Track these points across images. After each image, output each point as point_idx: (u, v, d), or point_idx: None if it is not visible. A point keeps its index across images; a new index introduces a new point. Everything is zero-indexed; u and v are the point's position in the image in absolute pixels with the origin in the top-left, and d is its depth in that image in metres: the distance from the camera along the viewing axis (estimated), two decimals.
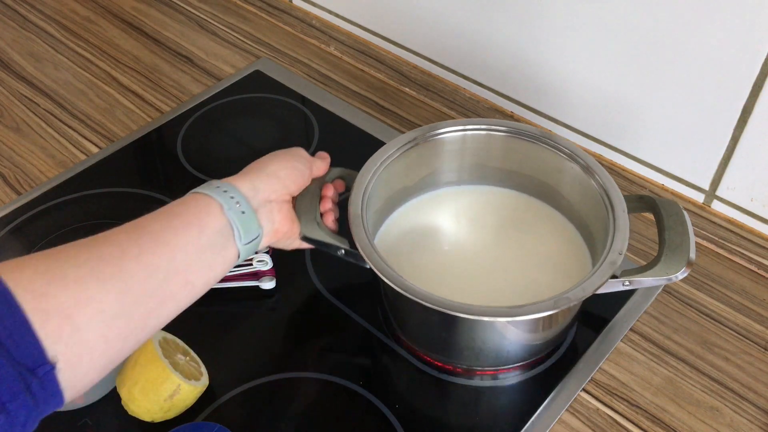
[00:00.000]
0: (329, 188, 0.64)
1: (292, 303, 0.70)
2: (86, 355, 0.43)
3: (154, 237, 0.48)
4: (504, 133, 0.68)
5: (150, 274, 0.47)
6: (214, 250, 0.52)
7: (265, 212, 0.56)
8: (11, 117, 0.91)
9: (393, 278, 0.56)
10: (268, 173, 0.58)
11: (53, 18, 1.07)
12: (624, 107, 0.78)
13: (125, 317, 0.45)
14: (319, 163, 0.64)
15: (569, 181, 0.67)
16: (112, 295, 0.44)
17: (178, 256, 0.49)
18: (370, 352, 0.67)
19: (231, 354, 0.66)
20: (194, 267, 0.50)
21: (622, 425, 0.61)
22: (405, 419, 0.61)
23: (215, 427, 0.57)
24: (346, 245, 0.60)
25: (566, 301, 0.54)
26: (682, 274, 0.57)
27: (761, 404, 0.62)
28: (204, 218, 0.52)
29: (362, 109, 0.91)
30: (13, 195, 0.81)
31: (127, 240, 0.47)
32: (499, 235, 0.69)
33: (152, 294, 0.47)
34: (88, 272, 0.44)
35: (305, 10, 1.07)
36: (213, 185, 0.55)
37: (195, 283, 0.50)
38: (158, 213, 0.51)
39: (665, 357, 0.65)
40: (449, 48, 0.92)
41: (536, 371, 0.64)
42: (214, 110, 0.91)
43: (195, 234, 0.50)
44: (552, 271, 0.66)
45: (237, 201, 0.54)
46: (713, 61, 0.69)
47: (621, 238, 0.58)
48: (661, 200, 0.62)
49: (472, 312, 0.54)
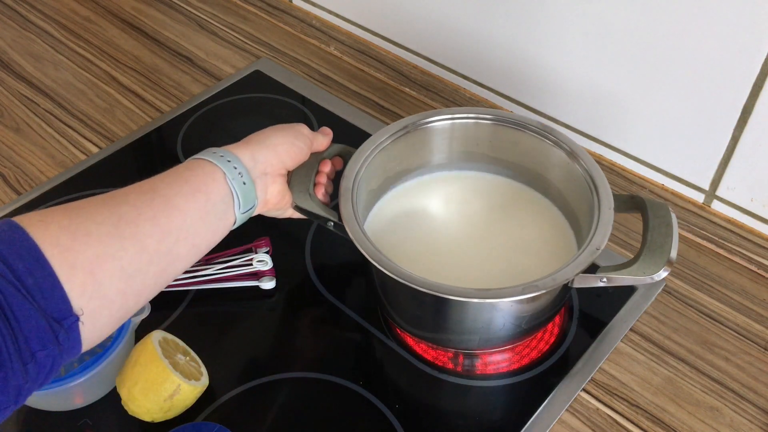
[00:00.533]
0: (326, 164, 0.66)
1: (292, 303, 0.70)
2: (105, 309, 0.46)
3: (166, 201, 0.51)
4: (491, 121, 0.69)
5: (164, 236, 0.50)
6: (217, 216, 0.55)
7: (261, 183, 0.59)
8: (11, 117, 0.91)
9: (371, 253, 0.57)
10: (267, 146, 0.60)
11: (53, 18, 1.07)
12: (624, 107, 0.78)
13: (141, 274, 0.48)
14: (321, 138, 0.66)
15: (555, 167, 0.67)
16: (130, 253, 0.47)
17: (188, 221, 0.52)
18: (370, 351, 0.67)
19: (231, 354, 0.66)
20: (200, 231, 0.53)
21: (622, 425, 0.61)
22: (405, 419, 0.61)
23: (215, 427, 0.57)
24: (335, 218, 0.62)
25: (534, 288, 0.54)
26: (661, 274, 0.56)
27: (761, 404, 0.62)
28: (210, 185, 0.54)
29: (362, 109, 0.91)
30: (13, 195, 0.81)
31: (142, 201, 0.50)
32: (487, 220, 0.70)
33: (165, 254, 0.50)
34: (108, 230, 0.46)
35: (305, 10, 1.07)
36: (217, 153, 0.57)
37: (199, 246, 0.54)
38: (167, 176, 0.54)
39: (665, 357, 0.65)
40: (449, 48, 0.92)
41: (536, 371, 0.64)
42: (214, 110, 0.91)
43: (202, 201, 0.53)
44: (537, 255, 0.66)
45: (240, 171, 0.56)
46: (713, 61, 0.69)
47: (602, 233, 0.58)
48: (651, 202, 0.61)
49: (441, 291, 0.55)
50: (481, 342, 0.62)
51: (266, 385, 0.63)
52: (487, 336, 0.61)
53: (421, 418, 0.62)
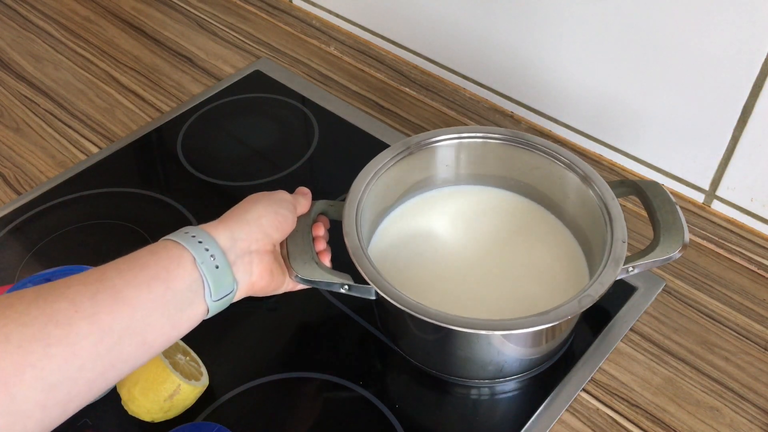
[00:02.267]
0: (320, 228, 0.62)
1: (292, 303, 0.70)
2: (19, 425, 0.41)
3: (114, 293, 0.45)
4: (500, 140, 0.68)
5: (102, 337, 0.43)
6: (180, 306, 0.48)
7: (243, 264, 0.53)
8: (11, 117, 0.91)
9: (409, 304, 0.55)
10: (248, 220, 0.54)
11: (53, 18, 1.07)
12: (624, 107, 0.78)
13: (68, 384, 0.42)
14: (302, 200, 0.62)
15: (567, 190, 0.66)
16: (56, 362, 0.41)
17: (137, 315, 0.45)
18: (369, 352, 0.67)
19: (231, 354, 0.66)
20: (154, 326, 0.47)
21: (622, 425, 0.61)
22: (405, 419, 0.61)
23: (215, 427, 0.57)
24: (350, 280, 0.59)
25: (589, 299, 0.55)
26: (679, 253, 0.58)
27: (761, 404, 0.62)
28: (173, 271, 0.48)
29: (362, 109, 0.91)
30: (13, 195, 0.81)
31: (83, 295, 0.44)
32: (496, 240, 0.68)
33: (102, 357, 0.44)
34: (33, 334, 0.41)
35: (305, 10, 1.07)
36: (188, 234, 0.51)
37: (152, 344, 0.47)
38: (123, 262, 0.48)
39: (665, 357, 0.65)
40: (449, 48, 0.92)
41: (536, 371, 0.64)
42: (214, 110, 0.91)
43: (160, 290, 0.47)
44: (549, 280, 0.65)
45: (212, 254, 0.50)
46: (713, 61, 0.69)
47: (619, 226, 0.59)
48: (643, 182, 0.63)
49: (492, 328, 0.54)
50: (507, 371, 0.62)
51: (266, 385, 0.63)
52: (513, 365, 0.62)
53: (421, 418, 0.62)
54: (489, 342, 0.58)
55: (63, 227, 0.77)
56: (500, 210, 0.71)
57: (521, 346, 0.60)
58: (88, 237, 0.76)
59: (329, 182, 0.82)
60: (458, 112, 0.91)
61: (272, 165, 0.84)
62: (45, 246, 0.75)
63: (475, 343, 0.59)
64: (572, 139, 0.85)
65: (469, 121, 0.89)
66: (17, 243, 0.75)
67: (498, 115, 0.90)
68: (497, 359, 0.60)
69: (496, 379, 0.63)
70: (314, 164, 0.84)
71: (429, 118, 0.90)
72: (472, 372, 0.62)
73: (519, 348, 0.60)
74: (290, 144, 0.87)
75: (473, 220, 0.70)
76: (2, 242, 0.75)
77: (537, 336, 0.59)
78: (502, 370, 0.62)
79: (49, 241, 0.75)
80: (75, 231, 0.76)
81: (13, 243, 0.75)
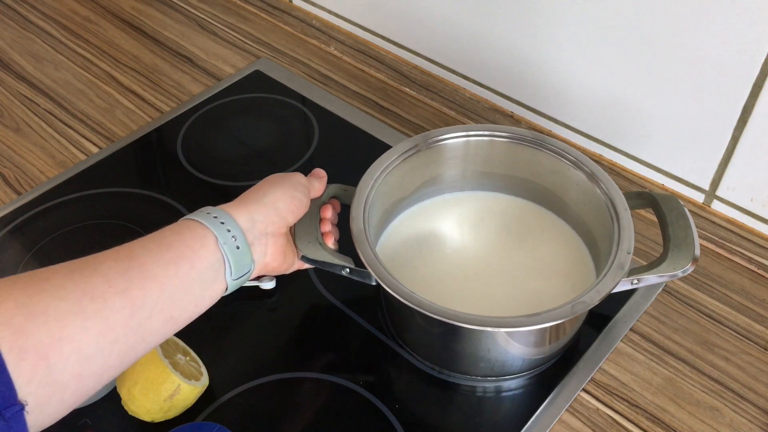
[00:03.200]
0: (327, 209, 0.63)
1: (292, 303, 0.70)
2: (57, 395, 0.42)
3: (143, 270, 0.47)
4: (506, 139, 0.68)
5: (134, 311, 0.45)
6: (203, 284, 0.50)
7: (260, 245, 0.55)
8: (11, 117, 0.91)
9: (403, 293, 0.55)
10: (266, 203, 0.56)
11: (53, 18, 1.07)
12: (624, 107, 0.78)
13: (103, 356, 0.44)
14: (316, 184, 0.63)
15: (573, 188, 0.66)
16: (92, 334, 0.43)
17: (166, 292, 0.47)
18: (370, 351, 0.67)
19: (231, 354, 0.66)
20: (180, 302, 0.49)
21: (622, 425, 0.61)
22: (405, 419, 0.61)
23: (215, 427, 0.57)
24: (351, 263, 0.60)
25: (583, 305, 0.54)
26: (688, 270, 0.57)
27: (761, 404, 0.62)
28: (198, 251, 0.50)
29: (362, 109, 0.91)
30: (13, 195, 0.81)
31: (116, 271, 0.46)
32: (502, 242, 0.69)
33: (134, 331, 0.45)
34: (70, 308, 0.42)
35: (305, 10, 1.07)
36: (210, 215, 0.53)
37: (177, 320, 0.49)
38: (150, 240, 0.49)
39: (665, 357, 0.65)
40: (449, 48, 0.92)
41: (536, 371, 0.64)
42: (214, 110, 0.91)
43: (186, 269, 0.49)
44: (555, 279, 0.65)
45: (233, 235, 0.52)
46: (713, 61, 0.69)
47: (627, 236, 0.58)
48: (660, 195, 0.62)
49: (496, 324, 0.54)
50: (512, 368, 0.62)
51: (266, 385, 0.63)
52: (520, 362, 0.62)
53: (422, 418, 0.62)
54: (480, 338, 0.58)
55: (63, 227, 0.77)
56: (506, 213, 0.71)
57: (522, 345, 0.60)
58: (88, 237, 0.76)
59: (329, 182, 0.82)
60: (458, 112, 0.91)
61: (272, 165, 0.84)
62: (45, 246, 0.75)
63: (467, 336, 0.59)
64: (572, 139, 0.85)
65: (469, 121, 0.89)
66: (17, 243, 0.75)
67: (498, 115, 0.90)
68: (488, 356, 0.60)
69: (496, 377, 0.63)
70: (314, 164, 0.84)
71: (429, 118, 0.90)
72: (473, 367, 0.62)
73: (522, 347, 0.60)
74: (290, 144, 0.87)
75: (479, 222, 0.71)
76: (2, 242, 0.75)
77: (533, 336, 0.59)
78: (500, 368, 0.62)
79: (49, 241, 0.75)
80: (75, 231, 0.76)
81: (13, 243, 0.75)
